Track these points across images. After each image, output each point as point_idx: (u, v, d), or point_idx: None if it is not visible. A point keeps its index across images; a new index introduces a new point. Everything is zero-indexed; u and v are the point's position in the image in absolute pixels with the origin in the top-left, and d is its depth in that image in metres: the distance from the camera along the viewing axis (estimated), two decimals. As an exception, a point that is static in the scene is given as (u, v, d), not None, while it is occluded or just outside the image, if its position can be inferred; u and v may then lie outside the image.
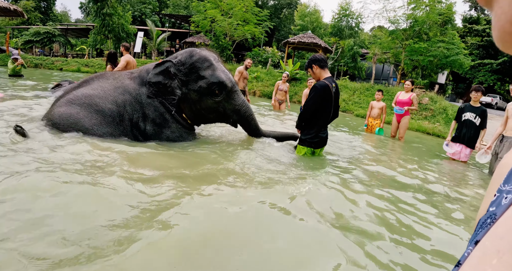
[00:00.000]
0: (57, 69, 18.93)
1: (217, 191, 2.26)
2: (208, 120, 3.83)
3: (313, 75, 3.56)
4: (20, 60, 10.27)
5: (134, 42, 22.98)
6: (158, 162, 2.79)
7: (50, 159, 2.50)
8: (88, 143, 2.92)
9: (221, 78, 3.48)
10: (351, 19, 25.00)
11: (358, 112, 11.24)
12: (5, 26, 35.55)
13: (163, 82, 3.44)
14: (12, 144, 2.71)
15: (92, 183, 2.12)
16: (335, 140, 5.18)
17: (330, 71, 23.44)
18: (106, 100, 3.31)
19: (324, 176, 2.95)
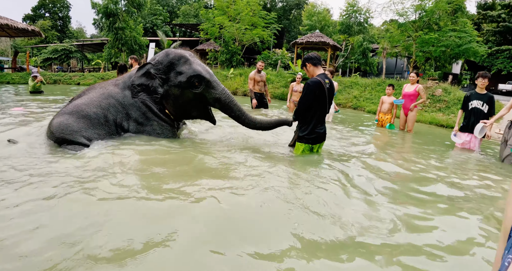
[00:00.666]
0: (75, 84, 19.60)
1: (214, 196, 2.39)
2: (191, 114, 4.02)
3: (307, 73, 3.66)
4: (39, 78, 10.81)
5: (146, 53, 23.58)
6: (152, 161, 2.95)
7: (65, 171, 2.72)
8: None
9: (198, 70, 3.71)
10: (359, 15, 24.88)
11: (370, 108, 11.18)
12: (25, 46, 37.15)
13: (145, 83, 3.76)
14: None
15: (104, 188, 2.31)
16: (344, 135, 5.25)
17: (341, 69, 23.46)
18: (91, 105, 3.61)
19: (328, 172, 3.03)
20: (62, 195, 2.16)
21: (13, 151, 3.17)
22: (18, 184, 2.33)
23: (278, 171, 2.90)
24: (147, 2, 25.00)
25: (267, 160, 3.32)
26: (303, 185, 2.62)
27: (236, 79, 16.17)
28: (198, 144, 3.87)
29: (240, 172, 2.84)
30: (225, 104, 3.82)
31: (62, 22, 45.83)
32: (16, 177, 2.46)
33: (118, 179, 2.49)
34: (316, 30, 20.56)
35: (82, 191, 2.24)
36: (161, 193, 2.27)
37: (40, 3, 44.84)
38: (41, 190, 2.25)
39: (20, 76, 20.21)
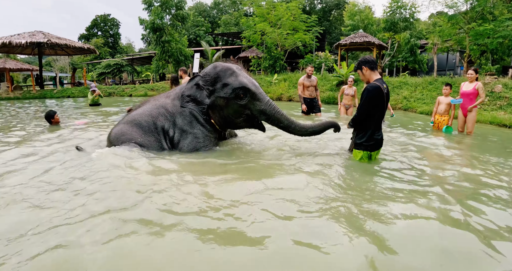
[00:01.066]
0: (127, 95, 20.83)
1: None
2: (236, 124, 4.12)
3: (362, 77, 3.59)
4: (97, 91, 11.72)
5: (192, 63, 24.48)
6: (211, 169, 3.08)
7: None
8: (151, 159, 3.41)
9: (244, 82, 3.84)
10: (404, 11, 23.90)
11: (422, 109, 10.68)
12: (81, 63, 40.18)
13: (194, 94, 3.98)
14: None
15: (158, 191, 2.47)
16: (397, 140, 5.09)
17: (388, 68, 22.66)
18: (143, 115, 3.99)
19: (389, 183, 2.99)
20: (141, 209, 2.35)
21: (80, 158, 3.54)
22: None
23: (343, 180, 2.91)
24: (190, 15, 26.01)
25: (326, 168, 3.34)
26: (367, 197, 2.60)
27: (281, 85, 16.25)
28: (249, 154, 3.97)
29: (303, 183, 2.86)
30: (271, 115, 3.88)
31: (113, 39, 48.98)
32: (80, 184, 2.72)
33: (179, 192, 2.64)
34: (359, 30, 20.06)
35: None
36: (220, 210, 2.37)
37: (93, 23, 48.32)
38: (116, 199, 2.45)
39: (79, 90, 21.92)
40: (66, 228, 2.03)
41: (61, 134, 5.32)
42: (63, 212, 2.24)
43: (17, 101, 18.60)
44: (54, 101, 17.64)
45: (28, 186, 2.78)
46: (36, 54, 26.23)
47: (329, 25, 37.43)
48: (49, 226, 2.05)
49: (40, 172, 3.15)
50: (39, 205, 2.38)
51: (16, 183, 2.85)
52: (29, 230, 2.01)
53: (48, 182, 2.88)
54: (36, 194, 2.59)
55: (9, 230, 2.01)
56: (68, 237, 1.91)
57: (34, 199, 2.48)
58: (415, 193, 2.73)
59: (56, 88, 24.36)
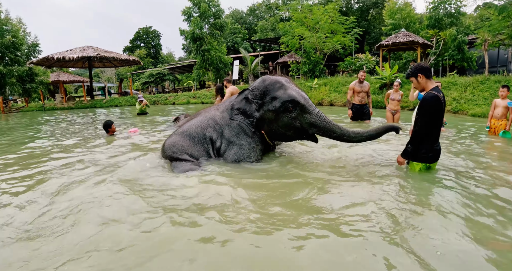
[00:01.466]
0: (171, 104, 21.64)
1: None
2: (287, 137, 4.13)
3: (416, 85, 3.46)
4: (144, 101, 12.36)
5: (231, 70, 24.99)
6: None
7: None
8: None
9: (293, 95, 3.83)
10: (449, 5, 22.77)
11: (474, 111, 10.11)
12: (126, 73, 42.34)
13: (243, 108, 4.08)
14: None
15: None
16: (450, 146, 4.89)
17: (434, 68, 21.67)
18: (194, 126, 4.22)
19: (452, 194, 2.90)
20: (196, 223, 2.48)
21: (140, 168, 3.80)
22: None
23: (400, 193, 2.87)
24: (227, 23, 26.57)
25: (382, 180, 3.28)
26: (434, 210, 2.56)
27: (321, 89, 16.12)
28: (300, 166, 4.00)
29: (362, 197, 2.86)
30: (322, 127, 3.84)
31: (154, 50, 51.16)
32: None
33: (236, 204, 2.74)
34: (401, 29, 19.37)
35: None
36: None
37: (136, 35, 50.78)
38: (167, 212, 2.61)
39: (126, 100, 23.14)
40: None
41: (122, 145, 5.67)
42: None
43: (71, 111, 19.99)
44: (104, 110, 18.78)
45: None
46: (87, 67, 28.10)
47: (367, 25, 36.48)
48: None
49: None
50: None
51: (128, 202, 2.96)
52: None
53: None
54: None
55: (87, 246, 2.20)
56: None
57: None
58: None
59: (105, 98, 25.88)
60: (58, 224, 2.53)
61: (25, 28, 27.09)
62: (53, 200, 3.04)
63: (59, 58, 23.39)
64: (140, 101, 12.34)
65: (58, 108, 23.76)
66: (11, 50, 25.12)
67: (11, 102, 27.85)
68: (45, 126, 10.81)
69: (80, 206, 2.82)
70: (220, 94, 8.33)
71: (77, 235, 2.33)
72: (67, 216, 2.66)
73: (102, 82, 44.71)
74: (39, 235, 2.37)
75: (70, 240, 2.27)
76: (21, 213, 2.80)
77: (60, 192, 3.24)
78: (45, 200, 3.05)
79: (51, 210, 2.80)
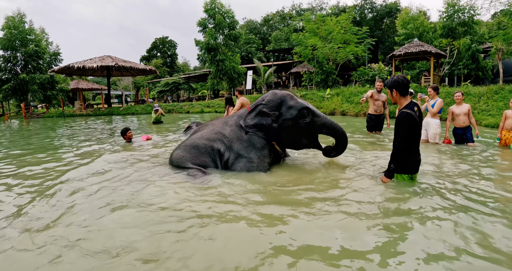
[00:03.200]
0: (185, 112, 21.97)
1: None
2: (302, 144, 4.56)
3: (391, 98, 3.60)
4: (160, 111, 12.76)
5: (245, 80, 25.37)
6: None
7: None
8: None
9: (305, 103, 4.38)
10: (463, 14, 22.66)
11: (488, 122, 10.04)
12: (143, 81, 43.32)
13: (259, 122, 4.36)
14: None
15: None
16: (457, 158, 4.96)
17: (448, 77, 21.53)
18: (202, 138, 4.50)
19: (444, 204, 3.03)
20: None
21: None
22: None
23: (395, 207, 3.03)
24: (242, 34, 27.04)
25: (376, 189, 3.45)
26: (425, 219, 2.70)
27: (334, 99, 16.23)
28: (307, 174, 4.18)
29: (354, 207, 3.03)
30: (330, 126, 4.40)
31: (170, 59, 52.25)
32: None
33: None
34: (414, 39, 19.38)
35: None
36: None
37: (153, 45, 52.04)
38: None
39: (142, 108, 23.70)
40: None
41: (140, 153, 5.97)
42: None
43: (89, 118, 20.61)
44: (121, 118, 19.30)
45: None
46: (105, 76, 28.99)
47: (381, 34, 36.56)
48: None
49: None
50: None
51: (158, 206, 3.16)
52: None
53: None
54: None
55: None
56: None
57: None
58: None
59: (122, 106, 26.58)
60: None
61: (48, 37, 28.30)
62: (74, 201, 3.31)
63: (79, 67, 24.27)
64: (156, 110, 12.75)
65: (77, 114, 24.54)
66: (34, 58, 26.27)
67: (33, 108, 28.94)
68: (66, 131, 11.28)
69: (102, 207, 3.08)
70: (229, 105, 8.54)
71: (114, 239, 2.57)
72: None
73: (120, 90, 45.87)
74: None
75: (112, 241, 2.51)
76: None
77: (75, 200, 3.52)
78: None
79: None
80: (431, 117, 6.50)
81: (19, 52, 25.79)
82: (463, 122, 6.28)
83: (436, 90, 6.54)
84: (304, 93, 18.61)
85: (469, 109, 6.27)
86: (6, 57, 25.73)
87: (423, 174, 4.00)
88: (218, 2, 24.57)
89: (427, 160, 4.77)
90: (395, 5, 38.17)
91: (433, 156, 5.19)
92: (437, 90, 6.55)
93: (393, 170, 3.54)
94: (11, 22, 25.22)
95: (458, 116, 6.32)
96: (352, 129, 9.16)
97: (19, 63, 26.18)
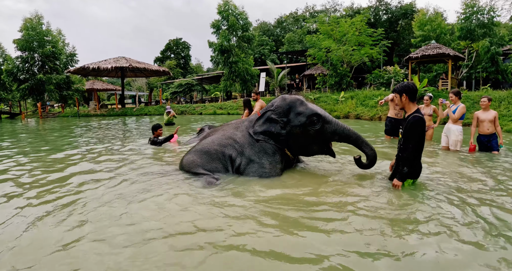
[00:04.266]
0: (198, 114, 22.05)
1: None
2: (310, 151, 4.39)
3: (397, 102, 3.65)
4: (172, 113, 12.76)
5: (258, 82, 25.30)
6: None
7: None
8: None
9: (315, 109, 4.18)
10: (482, 16, 22.08)
11: (509, 127, 9.68)
12: (156, 82, 43.68)
13: (267, 129, 4.25)
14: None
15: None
16: (474, 164, 4.76)
17: (466, 81, 21.03)
18: (213, 144, 4.38)
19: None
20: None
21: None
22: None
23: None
24: (255, 36, 26.99)
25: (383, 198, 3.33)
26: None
27: (348, 103, 16.01)
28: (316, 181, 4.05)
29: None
30: (341, 133, 4.17)
31: (184, 60, 52.51)
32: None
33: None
34: (431, 41, 18.96)
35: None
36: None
37: (167, 46, 52.41)
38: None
39: (155, 109, 23.87)
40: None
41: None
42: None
43: (103, 118, 20.84)
44: (134, 118, 19.45)
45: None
46: (119, 77, 29.34)
47: (396, 36, 35.97)
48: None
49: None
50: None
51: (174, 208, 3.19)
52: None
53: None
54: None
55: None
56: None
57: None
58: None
59: (135, 106, 26.84)
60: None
61: (64, 39, 28.79)
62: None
63: (94, 67, 24.63)
64: (168, 112, 12.75)
65: (92, 114, 24.89)
66: (51, 59, 26.79)
67: (49, 107, 29.49)
68: (88, 131, 11.36)
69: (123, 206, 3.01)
70: (248, 108, 8.39)
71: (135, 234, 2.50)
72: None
73: (134, 90, 46.37)
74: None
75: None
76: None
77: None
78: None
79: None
80: (452, 123, 6.27)
81: (36, 53, 26.32)
82: (487, 129, 6.01)
83: (458, 95, 6.29)
84: (317, 96, 18.42)
85: (495, 116, 5.96)
86: (24, 57, 26.31)
87: (439, 184, 3.86)
88: (231, 4, 24.58)
89: (449, 168, 4.58)
90: (410, 6, 37.53)
91: (455, 165, 4.99)
92: (459, 95, 6.31)
93: (406, 173, 3.52)
94: (29, 24, 25.78)
95: (482, 123, 6.06)
96: (368, 133, 8.96)
97: (36, 63, 26.71)
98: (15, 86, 27.39)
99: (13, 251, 2.36)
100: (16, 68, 26.24)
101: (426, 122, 7.38)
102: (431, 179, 4.07)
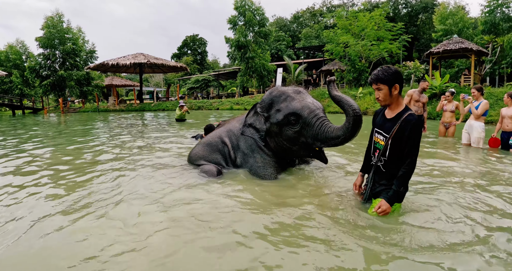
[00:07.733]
0: (215, 109, 22.21)
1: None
2: (293, 152, 3.85)
3: (385, 96, 2.53)
4: (185, 108, 12.24)
5: (274, 78, 25.23)
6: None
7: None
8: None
9: (295, 108, 3.58)
10: (507, 9, 21.29)
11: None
12: (173, 78, 44.13)
13: (253, 121, 4.03)
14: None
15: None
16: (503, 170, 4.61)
17: (490, 76, 20.37)
18: (215, 136, 4.45)
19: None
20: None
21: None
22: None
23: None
24: (272, 32, 26.87)
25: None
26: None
27: (366, 99, 15.78)
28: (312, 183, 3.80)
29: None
30: (324, 140, 3.41)
31: (201, 56, 52.86)
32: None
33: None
34: (453, 36, 18.40)
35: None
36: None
37: (183, 43, 52.84)
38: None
39: (172, 104, 24.17)
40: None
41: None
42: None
43: (123, 113, 21.20)
44: (151, 114, 19.72)
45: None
46: (138, 73, 29.78)
47: (416, 31, 35.11)
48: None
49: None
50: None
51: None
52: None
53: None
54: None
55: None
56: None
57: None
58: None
59: (153, 102, 27.22)
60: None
61: (84, 36, 29.48)
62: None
63: (113, 64, 25.07)
64: (181, 107, 12.24)
65: (111, 110, 25.41)
66: (71, 56, 27.49)
67: (70, 103, 30.28)
68: (125, 128, 11.55)
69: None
70: None
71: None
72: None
73: (151, 86, 46.99)
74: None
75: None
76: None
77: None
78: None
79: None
80: (474, 120, 6.11)
81: (57, 50, 27.08)
82: (506, 125, 5.87)
83: (481, 90, 6.15)
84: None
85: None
86: (46, 55, 27.11)
87: (462, 184, 3.65)
88: (248, 0, 24.53)
89: (472, 167, 4.47)
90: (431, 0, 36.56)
91: (476, 162, 4.87)
92: (481, 90, 6.16)
93: (402, 195, 2.61)
94: (50, 22, 26.52)
95: (503, 119, 5.92)
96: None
97: (57, 60, 27.46)
98: (37, 82, 28.20)
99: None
100: (39, 65, 27.12)
101: (448, 119, 7.32)
102: (449, 180, 3.91)
